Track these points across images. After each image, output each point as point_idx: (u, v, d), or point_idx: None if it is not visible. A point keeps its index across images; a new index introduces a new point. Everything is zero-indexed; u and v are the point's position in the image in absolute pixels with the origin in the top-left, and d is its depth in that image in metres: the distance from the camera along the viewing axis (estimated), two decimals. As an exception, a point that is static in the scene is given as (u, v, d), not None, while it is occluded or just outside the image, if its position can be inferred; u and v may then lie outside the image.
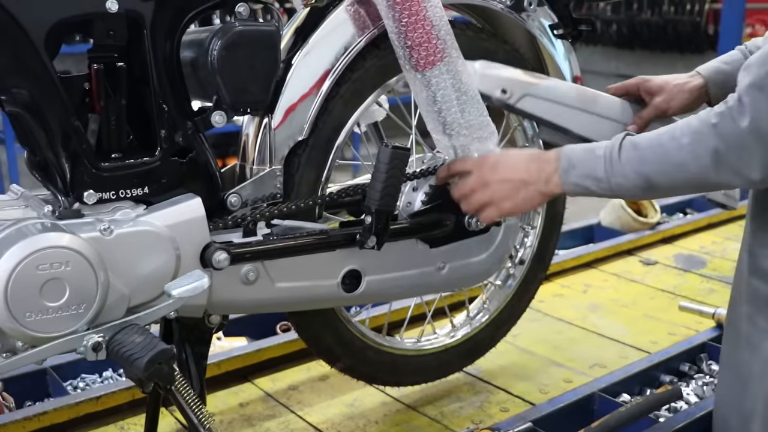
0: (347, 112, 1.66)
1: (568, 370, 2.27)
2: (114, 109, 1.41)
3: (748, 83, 1.24)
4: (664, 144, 1.33)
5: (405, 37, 1.52)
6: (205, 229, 1.46)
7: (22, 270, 1.25)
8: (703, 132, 1.28)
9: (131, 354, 1.30)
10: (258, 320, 2.47)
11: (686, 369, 2.26)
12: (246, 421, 2.02)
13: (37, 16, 1.29)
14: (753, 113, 1.23)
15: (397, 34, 1.53)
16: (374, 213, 1.55)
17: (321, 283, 1.62)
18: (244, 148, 1.62)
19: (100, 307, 1.33)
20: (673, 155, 1.32)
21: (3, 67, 1.31)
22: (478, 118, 1.60)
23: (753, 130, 1.23)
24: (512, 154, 1.54)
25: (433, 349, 2.02)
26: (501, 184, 1.50)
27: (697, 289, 2.86)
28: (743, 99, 1.24)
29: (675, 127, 1.34)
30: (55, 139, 1.37)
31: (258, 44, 1.48)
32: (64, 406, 1.96)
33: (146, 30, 1.40)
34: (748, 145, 1.24)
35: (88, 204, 1.40)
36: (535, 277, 2.13)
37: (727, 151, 1.26)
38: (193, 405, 1.41)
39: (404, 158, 1.54)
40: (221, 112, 1.49)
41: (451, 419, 2.02)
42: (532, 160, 1.48)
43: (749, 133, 1.23)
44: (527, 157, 1.50)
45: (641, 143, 1.37)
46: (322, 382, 2.20)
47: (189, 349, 1.62)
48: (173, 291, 1.34)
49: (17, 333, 1.28)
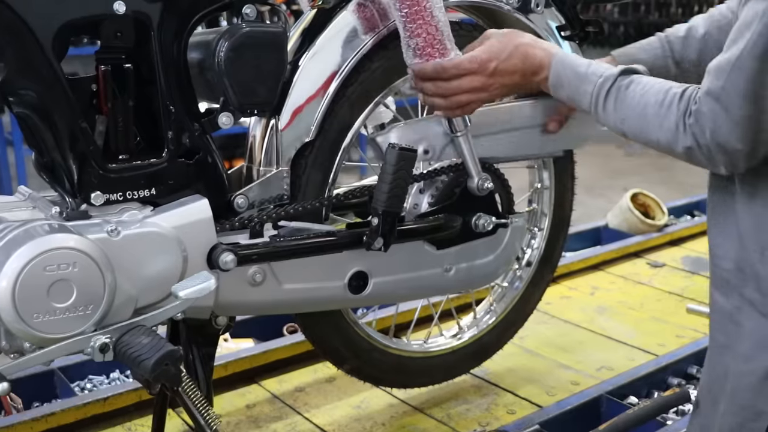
0: (354, 114, 1.66)
1: (575, 373, 2.27)
2: (121, 110, 1.41)
3: (706, 91, 1.24)
4: (646, 117, 1.34)
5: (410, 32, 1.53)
6: (212, 231, 1.46)
7: (30, 271, 1.25)
8: (681, 129, 1.28)
9: (138, 355, 1.30)
10: (265, 322, 2.47)
11: (694, 372, 2.26)
12: (253, 423, 2.02)
13: (45, 18, 1.30)
14: (711, 125, 1.23)
15: (403, 30, 1.53)
16: (381, 214, 1.55)
17: (328, 284, 1.62)
18: (251, 149, 1.63)
19: (107, 308, 1.34)
20: (652, 131, 1.33)
21: (11, 68, 1.32)
22: None
23: (713, 141, 1.24)
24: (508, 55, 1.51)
25: (440, 350, 2.01)
26: (496, 89, 1.55)
27: (704, 292, 2.82)
28: (701, 108, 1.24)
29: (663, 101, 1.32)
30: (63, 141, 1.38)
31: (265, 46, 1.48)
32: (71, 407, 1.96)
33: (153, 31, 1.40)
34: (713, 152, 1.25)
35: (96, 205, 1.40)
36: (543, 279, 2.12)
37: (698, 150, 1.27)
38: (200, 406, 1.41)
39: (411, 159, 1.54)
40: (228, 113, 1.49)
41: (457, 421, 2.02)
42: (526, 64, 1.51)
43: (711, 142, 1.24)
44: (521, 60, 1.51)
45: (627, 100, 1.37)
46: (329, 383, 2.20)
47: (196, 351, 1.62)
48: (180, 292, 1.34)
49: (25, 334, 1.28)
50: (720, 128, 1.22)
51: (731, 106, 1.21)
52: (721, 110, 1.22)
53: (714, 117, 1.22)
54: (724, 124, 1.21)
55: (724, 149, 1.24)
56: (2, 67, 1.31)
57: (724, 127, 1.22)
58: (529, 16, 1.85)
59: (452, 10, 1.79)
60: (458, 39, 1.63)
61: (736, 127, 1.21)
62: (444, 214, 1.70)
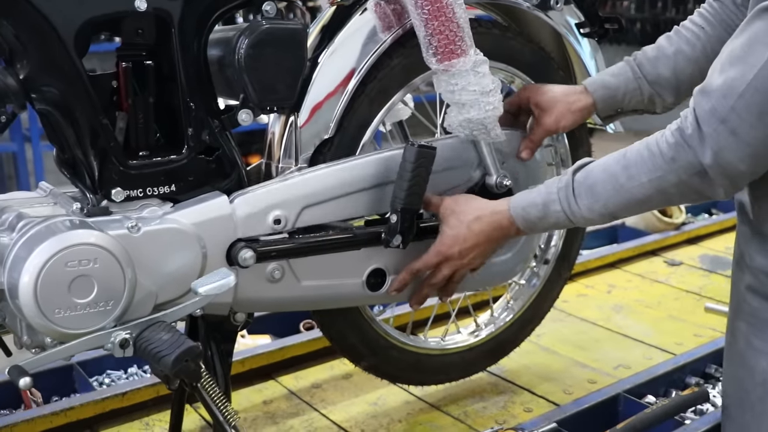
0: (373, 111, 1.66)
1: (593, 371, 2.26)
2: (142, 107, 1.42)
3: (709, 111, 1.20)
4: (623, 186, 1.32)
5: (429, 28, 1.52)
6: (231, 227, 1.47)
7: (52, 267, 1.26)
8: (663, 168, 1.27)
9: (158, 351, 1.31)
10: (281, 318, 2.48)
11: (712, 371, 2.24)
12: (270, 419, 2.03)
13: (68, 16, 1.30)
14: (715, 146, 1.20)
15: (421, 27, 1.53)
16: (400, 212, 1.54)
17: (346, 281, 1.62)
18: (270, 146, 1.63)
19: (127, 304, 1.34)
20: (636, 194, 1.32)
21: (34, 65, 1.32)
22: None
23: (715, 164, 1.21)
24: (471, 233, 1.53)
25: (457, 348, 2.01)
26: (477, 259, 1.57)
27: (722, 291, 2.82)
28: (704, 129, 1.20)
29: (628, 164, 1.31)
30: (84, 137, 1.39)
31: (285, 43, 1.48)
32: (90, 402, 1.97)
33: (174, 28, 1.40)
34: (711, 177, 1.23)
35: (116, 201, 1.41)
36: (560, 277, 2.12)
37: (690, 180, 1.25)
38: (218, 402, 1.42)
39: (430, 157, 1.53)
40: (248, 110, 1.50)
41: (474, 419, 2.02)
42: (489, 233, 1.52)
43: (712, 166, 1.21)
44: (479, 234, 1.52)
45: (597, 188, 1.36)
46: (346, 380, 2.20)
47: (214, 347, 1.62)
48: (200, 289, 1.35)
49: (46, 329, 1.29)
50: (724, 150, 1.19)
51: (741, 126, 1.17)
52: (726, 131, 1.18)
53: (717, 139, 1.19)
54: (731, 145, 1.19)
55: (727, 171, 1.21)
56: (25, 64, 1.32)
57: (729, 148, 1.19)
58: (548, 13, 1.84)
59: (471, 8, 1.78)
60: (477, 36, 1.63)
61: (744, 148, 1.19)
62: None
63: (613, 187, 1.34)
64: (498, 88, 1.62)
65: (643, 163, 1.29)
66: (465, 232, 1.53)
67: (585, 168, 1.39)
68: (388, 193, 1.57)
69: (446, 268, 1.58)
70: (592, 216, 1.39)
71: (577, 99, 1.70)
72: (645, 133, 1.34)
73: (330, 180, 1.55)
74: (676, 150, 1.24)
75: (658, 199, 1.32)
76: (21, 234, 1.31)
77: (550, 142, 2.01)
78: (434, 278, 1.61)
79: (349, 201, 1.57)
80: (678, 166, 1.25)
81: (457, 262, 1.56)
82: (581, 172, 1.39)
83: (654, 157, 1.28)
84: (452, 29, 1.53)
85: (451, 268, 1.58)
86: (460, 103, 1.59)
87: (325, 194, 1.54)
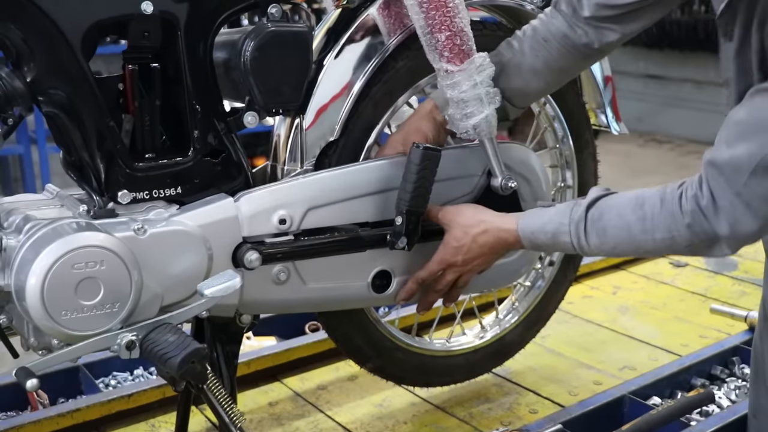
0: (378, 114, 1.66)
1: (598, 372, 2.26)
2: (148, 109, 1.43)
3: (723, 185, 1.24)
4: (635, 237, 1.35)
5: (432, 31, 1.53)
6: (237, 229, 1.47)
7: (58, 269, 1.27)
8: (677, 231, 1.30)
9: (165, 353, 1.31)
10: (287, 320, 2.48)
11: (718, 372, 2.24)
12: (275, 421, 2.03)
13: (74, 19, 1.31)
14: (731, 219, 1.24)
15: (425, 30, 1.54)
16: (405, 214, 1.55)
17: (351, 283, 1.62)
18: (276, 148, 1.63)
19: (133, 305, 1.35)
20: (646, 246, 1.36)
21: (41, 68, 1.33)
22: None
23: (731, 236, 1.25)
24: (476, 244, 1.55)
25: (462, 349, 2.01)
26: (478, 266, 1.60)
27: (728, 292, 2.82)
28: (719, 203, 1.24)
29: (644, 216, 1.34)
30: (90, 139, 1.39)
31: (290, 45, 1.49)
32: (96, 404, 1.98)
33: (180, 31, 1.41)
34: (725, 244, 1.27)
35: (122, 204, 1.42)
36: (565, 278, 2.12)
37: (701, 244, 1.29)
38: (224, 404, 1.42)
39: (435, 159, 1.54)
40: (253, 112, 1.50)
41: (480, 420, 2.02)
42: (498, 244, 1.55)
43: (728, 237, 1.26)
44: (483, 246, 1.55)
45: (609, 231, 1.38)
46: (351, 382, 2.20)
47: (220, 349, 1.63)
48: (206, 290, 1.35)
49: (53, 331, 1.30)
50: (740, 222, 1.24)
51: (755, 201, 1.22)
52: (741, 205, 1.23)
53: (734, 211, 1.24)
54: (746, 218, 1.24)
55: (741, 241, 1.27)
56: (32, 67, 1.33)
57: (744, 221, 1.24)
58: (553, 15, 1.84)
59: (475, 9, 1.79)
60: (482, 39, 1.64)
61: (759, 220, 1.24)
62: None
63: (625, 236, 1.37)
64: None
65: (659, 221, 1.32)
66: (469, 243, 1.55)
67: (599, 204, 1.41)
68: (393, 198, 1.57)
69: (450, 274, 1.60)
70: (600, 252, 1.44)
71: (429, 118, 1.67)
72: (649, 136, 1.35)
73: (335, 183, 1.56)
74: (692, 217, 1.28)
75: (665, 252, 1.39)
76: (28, 236, 1.32)
77: (555, 143, 2.01)
78: (439, 284, 1.62)
79: (354, 205, 1.57)
80: (692, 232, 1.29)
81: (460, 269, 1.59)
82: (595, 208, 1.40)
83: (669, 218, 1.31)
84: (456, 32, 1.54)
85: (455, 273, 1.60)
86: (464, 101, 1.59)
87: (330, 197, 1.55)
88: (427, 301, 1.67)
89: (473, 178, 1.70)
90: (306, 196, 1.53)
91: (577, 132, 2.00)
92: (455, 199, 1.67)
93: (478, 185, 1.70)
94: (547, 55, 1.61)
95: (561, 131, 1.99)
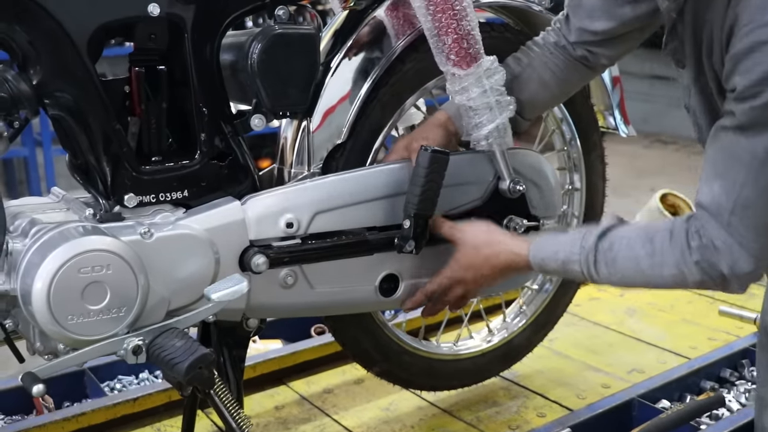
0: (385, 116, 1.65)
1: (606, 375, 2.24)
2: (154, 112, 1.42)
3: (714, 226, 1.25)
4: (644, 271, 1.35)
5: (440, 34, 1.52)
6: (244, 233, 1.46)
7: (65, 273, 1.26)
8: (686, 267, 1.29)
9: (172, 358, 1.30)
10: (293, 323, 2.47)
11: (727, 375, 2.23)
12: (281, 424, 2.02)
13: (81, 21, 1.31)
14: (729, 260, 1.25)
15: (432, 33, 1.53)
16: (413, 217, 1.54)
17: (359, 287, 1.61)
18: (283, 151, 1.62)
19: (140, 310, 1.34)
20: (655, 281, 1.35)
21: (47, 71, 1.32)
22: None
23: (733, 275, 1.25)
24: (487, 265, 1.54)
25: (469, 353, 2.00)
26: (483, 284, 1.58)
27: (736, 294, 2.80)
28: (716, 243, 1.25)
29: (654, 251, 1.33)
30: (97, 142, 1.39)
31: (298, 47, 1.48)
32: (101, 408, 1.98)
33: (187, 33, 1.40)
34: (731, 282, 1.27)
35: (129, 207, 1.41)
36: (573, 281, 2.10)
37: (710, 281, 1.29)
38: (231, 409, 1.41)
39: (444, 162, 1.52)
40: (261, 115, 1.49)
41: (487, 424, 2.00)
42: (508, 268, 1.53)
43: (730, 276, 1.26)
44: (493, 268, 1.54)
45: (619, 263, 1.38)
46: (357, 385, 2.19)
47: (227, 353, 1.62)
48: (213, 295, 1.34)
49: (59, 335, 1.29)
50: (738, 261, 1.24)
51: (746, 239, 1.23)
52: (735, 244, 1.24)
53: (731, 251, 1.24)
54: (743, 257, 1.24)
55: (743, 279, 1.26)
56: (38, 69, 1.32)
57: (742, 259, 1.24)
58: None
59: (483, 11, 1.77)
60: (489, 40, 1.62)
61: (755, 259, 1.24)
62: (475, 217, 1.69)
63: (633, 268, 1.37)
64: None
65: (668, 256, 1.32)
66: (481, 263, 1.54)
67: (610, 235, 1.40)
68: (401, 202, 1.56)
69: (458, 289, 1.59)
70: (609, 282, 1.43)
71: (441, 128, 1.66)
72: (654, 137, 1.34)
73: (343, 186, 1.55)
74: (700, 253, 1.28)
75: (673, 287, 1.37)
76: (34, 240, 1.31)
77: (563, 146, 2.00)
78: (446, 296, 1.62)
79: (362, 208, 1.56)
80: (702, 269, 1.28)
81: (469, 286, 1.58)
82: (606, 239, 1.40)
83: (678, 254, 1.31)
84: (462, 35, 1.52)
85: (463, 289, 1.59)
86: (473, 109, 1.58)
87: (338, 200, 1.54)
88: (433, 309, 1.67)
89: (484, 183, 1.68)
90: (313, 200, 1.52)
91: (585, 134, 1.99)
92: (465, 205, 1.66)
93: (488, 190, 1.69)
94: (553, 67, 1.63)
95: (569, 133, 1.98)
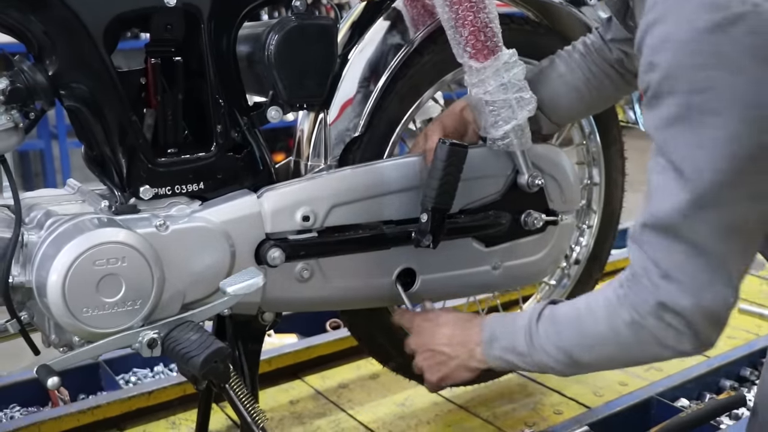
0: (403, 109, 1.64)
1: (624, 373, 2.22)
2: (170, 104, 1.41)
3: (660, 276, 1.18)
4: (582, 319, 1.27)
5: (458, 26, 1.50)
6: (260, 226, 1.45)
7: (80, 265, 1.26)
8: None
9: (187, 351, 1.30)
10: (308, 317, 2.46)
11: (747, 374, 2.20)
12: (296, 419, 2.01)
13: (97, 11, 1.30)
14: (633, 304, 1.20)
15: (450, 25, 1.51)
16: (430, 211, 1.52)
17: (375, 281, 1.60)
18: (299, 143, 1.61)
19: (155, 303, 1.33)
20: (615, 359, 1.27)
21: (63, 62, 1.32)
22: None
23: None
24: (442, 320, 1.49)
25: (486, 349, 1.98)
26: (428, 355, 1.49)
27: (756, 292, 2.77)
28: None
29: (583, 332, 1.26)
30: (112, 134, 1.38)
31: (315, 39, 1.47)
32: (116, 400, 1.97)
33: (203, 24, 1.39)
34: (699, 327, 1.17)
35: (144, 199, 1.40)
36: (590, 277, 2.08)
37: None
38: (246, 403, 1.40)
39: (462, 155, 1.50)
40: (277, 107, 1.48)
41: (503, 420, 1.99)
42: (457, 329, 1.45)
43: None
44: (452, 326, 1.47)
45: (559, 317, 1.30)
46: (373, 380, 2.18)
47: (242, 347, 1.61)
48: (228, 288, 1.33)
49: (74, 328, 1.28)
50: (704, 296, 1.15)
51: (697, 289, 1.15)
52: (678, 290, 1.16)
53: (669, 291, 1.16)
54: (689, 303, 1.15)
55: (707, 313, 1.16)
56: (54, 60, 1.31)
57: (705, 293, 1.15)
58: (581, 9, 1.81)
59: (503, 4, 1.75)
60: (509, 33, 1.60)
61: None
62: (493, 211, 1.67)
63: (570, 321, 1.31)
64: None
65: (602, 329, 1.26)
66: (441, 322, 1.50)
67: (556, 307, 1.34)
68: (418, 196, 1.54)
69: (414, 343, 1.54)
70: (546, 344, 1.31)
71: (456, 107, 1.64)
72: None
73: (360, 179, 1.53)
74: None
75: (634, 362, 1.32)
76: (49, 232, 1.30)
77: (582, 140, 1.97)
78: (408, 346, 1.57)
79: (379, 202, 1.54)
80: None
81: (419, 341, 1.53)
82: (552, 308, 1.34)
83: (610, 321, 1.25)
84: (480, 27, 1.50)
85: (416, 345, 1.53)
86: (490, 104, 1.56)
87: (355, 194, 1.52)
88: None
89: (502, 177, 1.66)
90: (330, 193, 1.50)
91: (604, 128, 1.97)
92: (483, 198, 1.64)
93: (507, 184, 1.67)
94: (586, 71, 1.61)
95: (588, 127, 1.96)
